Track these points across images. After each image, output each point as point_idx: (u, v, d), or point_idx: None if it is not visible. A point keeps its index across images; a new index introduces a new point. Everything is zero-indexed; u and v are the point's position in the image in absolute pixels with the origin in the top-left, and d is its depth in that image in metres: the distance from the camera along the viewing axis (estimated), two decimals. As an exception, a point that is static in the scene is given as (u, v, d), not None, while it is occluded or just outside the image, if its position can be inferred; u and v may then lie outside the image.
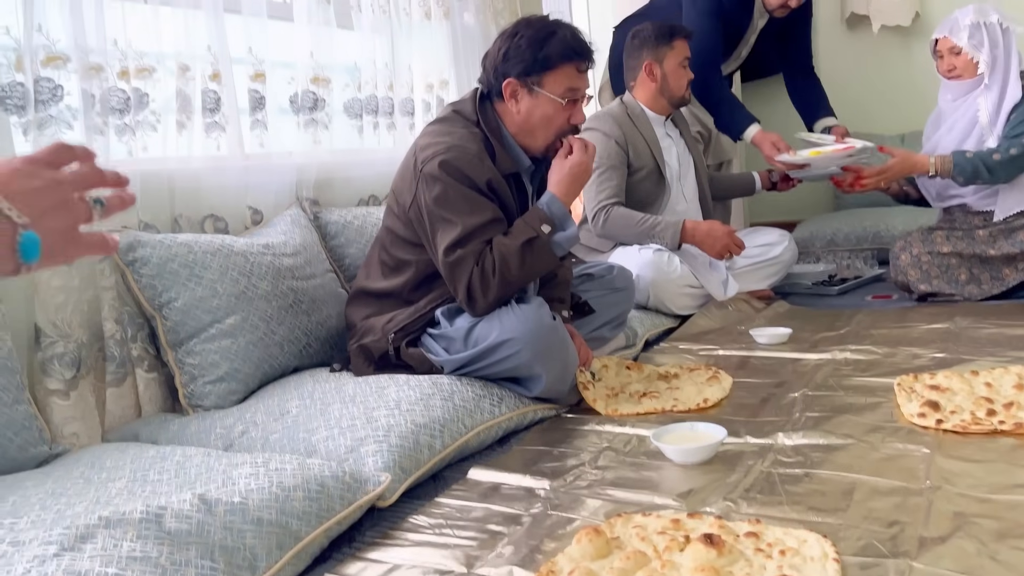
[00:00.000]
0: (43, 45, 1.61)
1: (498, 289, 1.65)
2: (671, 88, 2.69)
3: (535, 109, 1.74)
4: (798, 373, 1.87)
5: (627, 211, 2.57)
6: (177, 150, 1.91)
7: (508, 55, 1.73)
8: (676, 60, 2.66)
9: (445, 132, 1.75)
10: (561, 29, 1.73)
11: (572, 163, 1.74)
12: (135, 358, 1.73)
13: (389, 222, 1.82)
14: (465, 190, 1.67)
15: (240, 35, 2.06)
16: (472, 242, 1.66)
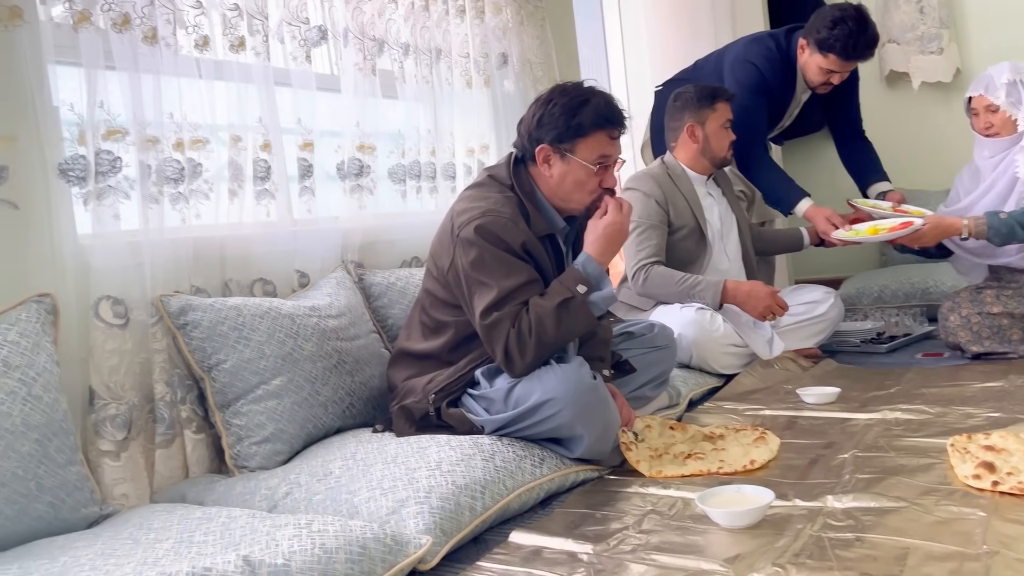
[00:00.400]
0: (104, 120, 1.70)
1: (535, 350, 1.66)
2: (713, 149, 2.70)
3: (567, 174, 1.77)
4: (847, 433, 1.83)
5: (667, 270, 2.57)
6: (228, 217, 1.98)
7: (542, 121, 1.76)
8: (718, 122, 2.67)
9: (481, 197, 1.78)
10: (595, 97, 1.76)
11: (607, 223, 1.75)
12: (184, 419, 1.77)
13: (428, 284, 1.85)
14: (500, 253, 1.69)
15: (290, 106, 2.14)
16: (508, 304, 1.67)
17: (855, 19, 2.64)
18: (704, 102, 2.68)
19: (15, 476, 1.33)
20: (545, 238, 1.79)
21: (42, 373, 1.43)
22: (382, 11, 2.40)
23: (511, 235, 1.71)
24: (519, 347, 1.66)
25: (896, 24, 3.81)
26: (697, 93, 2.69)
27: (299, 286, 2.12)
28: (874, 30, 2.68)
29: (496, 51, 2.80)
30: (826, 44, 2.68)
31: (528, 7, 2.92)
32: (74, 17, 1.65)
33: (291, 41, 2.13)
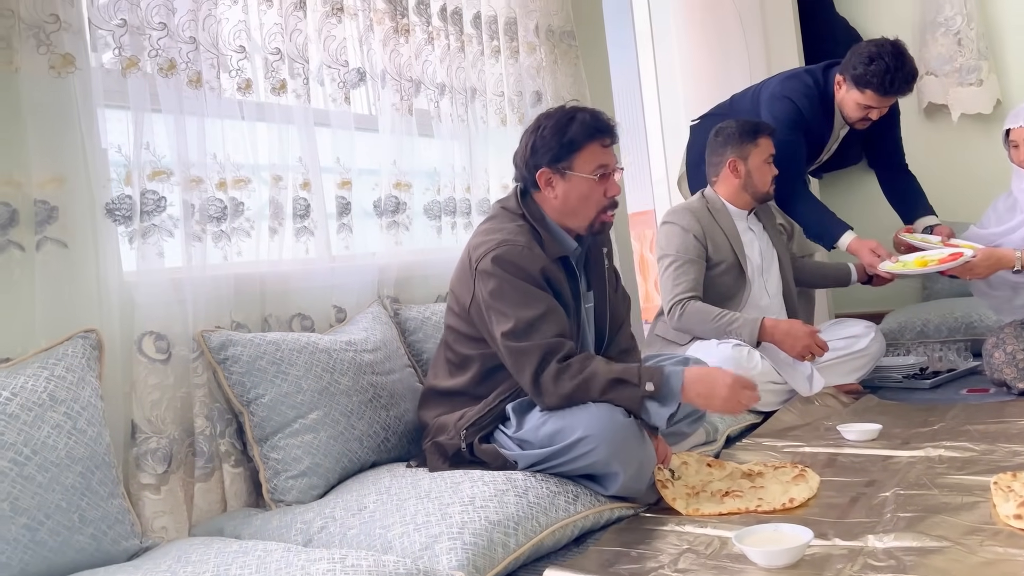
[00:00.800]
0: (150, 161, 1.76)
1: (569, 395, 1.66)
2: (755, 184, 2.69)
3: (571, 191, 1.81)
4: (889, 471, 1.79)
5: (704, 306, 2.55)
6: (269, 254, 2.02)
7: (536, 147, 1.81)
8: (761, 157, 2.67)
9: (495, 229, 1.81)
10: (580, 113, 1.81)
11: (724, 378, 1.69)
12: (223, 453, 1.79)
13: (450, 321, 1.88)
14: (519, 283, 1.72)
15: (329, 146, 2.19)
16: (531, 334, 1.69)
17: (892, 54, 2.62)
18: (746, 137, 2.67)
19: (59, 508, 1.36)
20: (559, 261, 1.81)
21: (87, 407, 1.47)
22: (419, 53, 2.45)
23: (529, 262, 1.73)
24: (555, 383, 1.66)
25: (934, 56, 3.79)
26: (739, 128, 2.69)
27: (336, 321, 2.15)
28: (912, 65, 2.65)
29: (530, 89, 2.84)
30: (863, 80, 2.66)
31: (562, 46, 2.96)
32: (123, 63, 1.72)
33: (331, 83, 2.19)
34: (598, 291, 1.96)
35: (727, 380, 1.68)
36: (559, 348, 1.69)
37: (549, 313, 1.72)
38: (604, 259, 2.00)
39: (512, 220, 1.84)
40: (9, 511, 1.30)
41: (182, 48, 1.81)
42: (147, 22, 1.75)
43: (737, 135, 2.68)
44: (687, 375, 1.67)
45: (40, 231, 1.57)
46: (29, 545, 1.31)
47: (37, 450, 1.36)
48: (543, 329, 1.70)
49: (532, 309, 1.70)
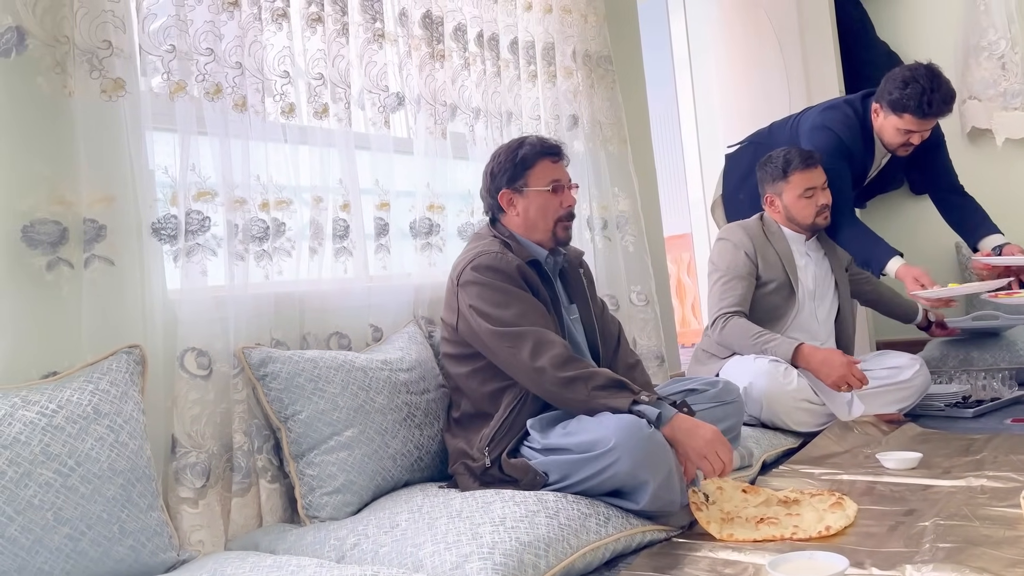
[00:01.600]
0: (195, 182, 1.81)
1: (569, 381, 1.74)
2: (796, 218, 2.72)
3: (530, 205, 1.98)
4: (929, 501, 1.75)
5: (745, 322, 2.57)
6: (308, 273, 2.06)
7: (494, 173, 2.01)
8: (794, 193, 2.69)
9: (469, 249, 1.98)
10: (528, 137, 2.03)
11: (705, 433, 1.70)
12: (259, 469, 1.82)
13: (445, 349, 1.98)
14: (498, 284, 1.85)
15: (368, 169, 2.23)
16: (521, 322, 1.79)
17: (927, 76, 2.60)
18: (776, 176, 2.72)
19: (100, 519, 1.39)
20: (532, 264, 1.93)
21: (129, 421, 1.51)
22: (455, 78, 2.49)
23: (504, 263, 1.87)
24: (558, 367, 1.74)
25: (977, 80, 3.74)
26: (772, 165, 2.73)
27: (373, 340, 2.17)
28: (948, 85, 2.63)
29: (567, 113, 2.86)
30: (900, 104, 2.64)
31: (599, 71, 2.99)
32: (171, 87, 1.78)
33: (371, 107, 2.23)
34: (582, 307, 2.05)
35: (708, 435, 1.70)
36: (555, 337, 1.80)
37: (533, 308, 1.84)
38: (583, 280, 2.10)
39: (483, 237, 2.00)
40: (53, 521, 1.33)
41: (228, 73, 1.86)
42: (195, 47, 1.81)
43: (770, 173, 2.74)
44: (680, 416, 1.72)
45: (88, 249, 1.62)
46: (71, 555, 1.34)
47: (81, 462, 1.40)
48: (531, 317, 1.81)
49: (516, 304, 1.83)
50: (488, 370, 1.87)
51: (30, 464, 1.34)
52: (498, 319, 1.81)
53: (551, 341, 1.78)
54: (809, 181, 2.67)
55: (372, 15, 2.23)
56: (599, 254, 2.92)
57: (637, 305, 3.00)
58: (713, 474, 1.70)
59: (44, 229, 1.57)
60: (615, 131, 3.02)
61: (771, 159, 2.74)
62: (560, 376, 1.74)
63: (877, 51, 3.97)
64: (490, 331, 1.81)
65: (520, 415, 1.82)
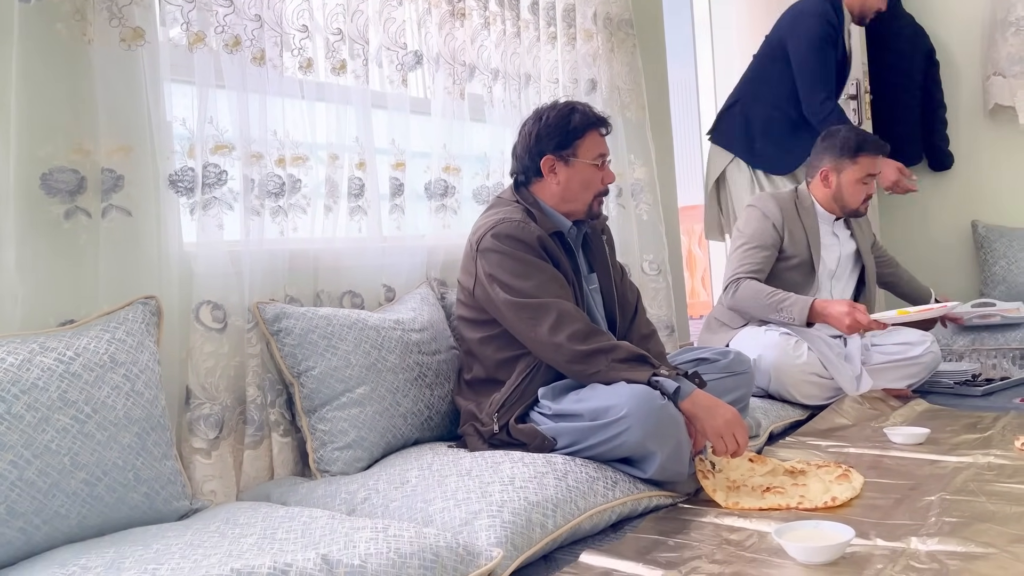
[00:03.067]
0: (212, 135, 1.80)
1: (589, 355, 1.73)
2: (845, 200, 2.66)
3: (573, 176, 1.91)
4: (935, 476, 1.76)
5: (759, 284, 2.53)
6: (323, 231, 2.06)
7: (540, 136, 1.92)
8: (855, 176, 2.62)
9: (491, 214, 1.93)
10: (579, 105, 1.95)
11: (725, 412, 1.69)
12: (272, 422, 1.84)
13: (460, 312, 1.95)
14: (519, 254, 1.81)
15: (385, 128, 2.22)
16: (541, 294, 1.77)
17: None
18: (846, 152, 2.62)
19: (115, 466, 1.41)
20: (555, 236, 1.89)
21: (144, 370, 1.52)
22: (474, 37, 2.46)
23: (526, 234, 1.83)
24: (579, 340, 1.73)
25: (1003, 57, 3.68)
26: (842, 141, 2.63)
27: (385, 300, 2.18)
28: None
29: (585, 77, 2.83)
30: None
31: (619, 34, 2.95)
32: (190, 38, 1.77)
33: (389, 65, 2.22)
34: (603, 275, 2.02)
35: (728, 415, 1.69)
36: (575, 310, 1.78)
37: (553, 279, 1.81)
38: (605, 247, 2.07)
39: (507, 203, 1.95)
40: (70, 465, 1.35)
41: (247, 25, 1.85)
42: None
43: (838, 147, 2.63)
44: (699, 392, 1.71)
45: (106, 199, 1.62)
46: (87, 499, 1.37)
47: (97, 409, 1.41)
48: (551, 289, 1.79)
49: (536, 275, 1.80)
50: (503, 337, 1.86)
51: (48, 409, 1.36)
52: (517, 290, 1.79)
53: (572, 315, 1.76)
54: (875, 167, 2.62)
55: (393, -29, 2.20)
56: (613, 222, 2.89)
57: (649, 274, 3.00)
58: (726, 454, 1.71)
59: (63, 177, 1.58)
60: (634, 97, 2.99)
61: (842, 134, 2.64)
62: (580, 350, 1.73)
63: (902, 23, 3.90)
64: (508, 301, 1.79)
65: (532, 383, 1.82)
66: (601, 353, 1.73)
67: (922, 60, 3.89)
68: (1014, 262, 3.65)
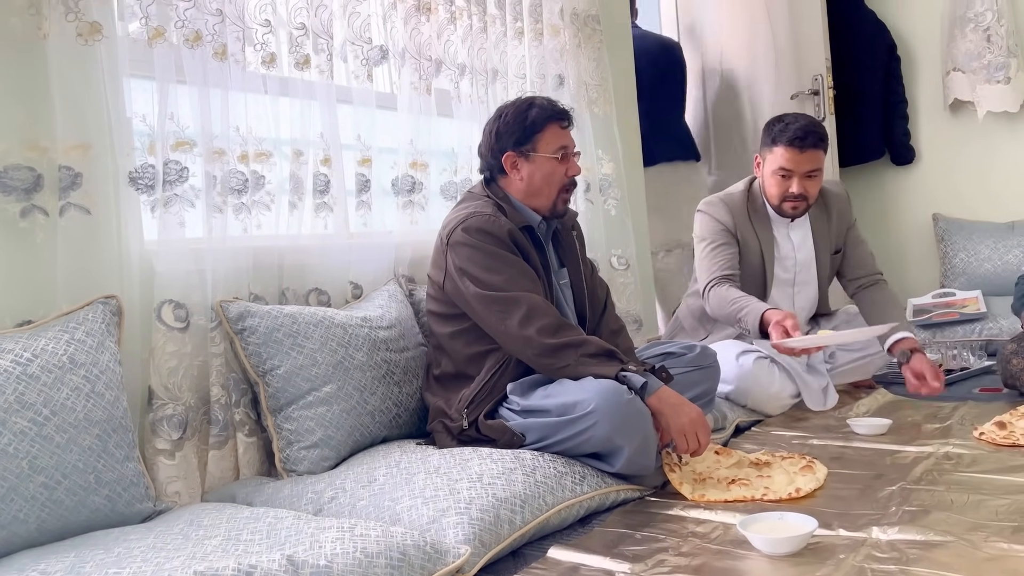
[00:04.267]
0: (173, 131, 1.78)
1: (558, 349, 1.74)
2: (765, 192, 2.49)
3: (535, 171, 1.92)
4: (897, 466, 1.79)
5: (726, 290, 2.36)
6: (288, 228, 2.04)
7: (500, 133, 1.93)
8: (770, 166, 2.43)
9: (461, 208, 1.94)
10: (537, 99, 1.97)
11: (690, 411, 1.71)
12: (237, 422, 1.82)
13: (430, 306, 1.96)
14: (489, 247, 1.82)
15: (350, 123, 2.20)
16: (511, 288, 1.78)
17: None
18: (767, 139, 2.44)
19: (76, 468, 1.39)
20: (525, 230, 1.90)
21: (105, 371, 1.50)
22: (440, 32, 2.45)
23: (495, 227, 1.83)
24: (548, 333, 1.74)
25: (962, 52, 3.74)
26: (769, 128, 2.44)
27: (352, 297, 2.17)
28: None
29: (553, 72, 2.83)
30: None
31: (586, 30, 2.95)
32: (149, 33, 1.74)
33: (354, 60, 2.20)
34: (573, 271, 2.03)
35: (693, 414, 1.71)
36: (544, 304, 1.79)
37: (523, 274, 1.82)
38: (575, 242, 2.07)
39: (477, 198, 1.95)
40: (28, 469, 1.33)
41: (208, 20, 1.82)
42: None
43: (765, 132, 2.46)
44: (666, 389, 1.72)
45: (64, 196, 1.59)
46: (46, 503, 1.34)
47: (56, 411, 1.39)
48: (521, 283, 1.79)
49: (506, 270, 1.80)
50: (472, 332, 1.86)
51: (4, 412, 1.33)
52: (487, 283, 1.79)
53: (542, 309, 1.77)
54: (788, 162, 2.38)
55: (357, -35, 2.18)
56: (582, 217, 2.89)
57: (617, 269, 3.01)
58: (687, 452, 1.73)
59: (18, 175, 1.54)
60: (601, 93, 3.00)
61: (780, 119, 2.43)
62: (548, 343, 1.74)
63: (865, 19, 3.95)
64: (478, 294, 1.79)
65: (501, 379, 1.83)
66: (570, 347, 1.74)
67: (883, 55, 3.94)
68: (973, 254, 3.72)
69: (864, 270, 2.63)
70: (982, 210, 3.83)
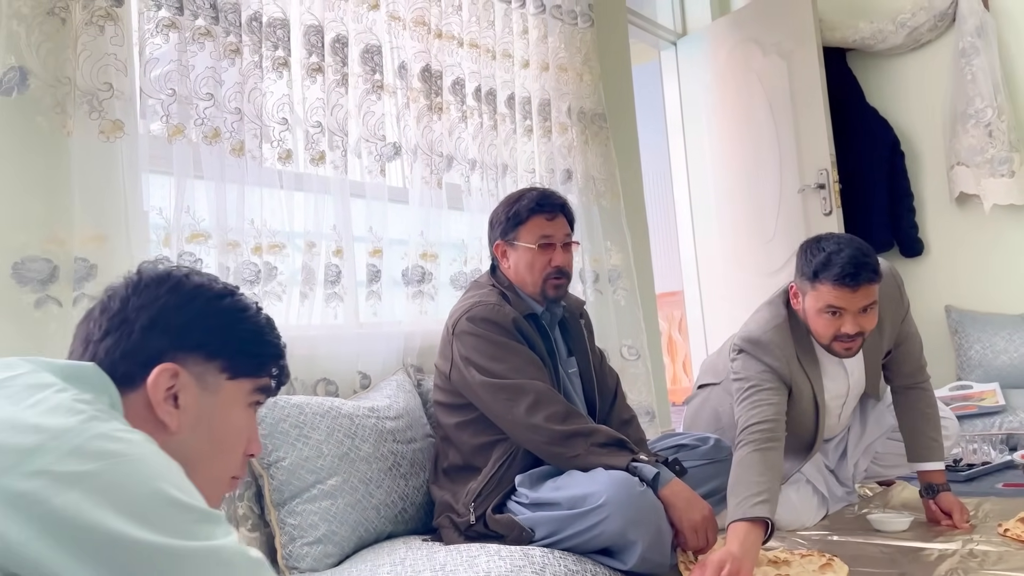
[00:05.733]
0: (189, 224, 1.81)
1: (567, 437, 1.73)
2: (813, 330, 2.04)
3: (519, 260, 1.97)
4: (921, 563, 1.73)
5: (749, 460, 1.87)
6: (298, 318, 2.05)
7: (492, 224, 2.03)
8: (815, 304, 1.97)
9: (467, 298, 1.97)
10: (529, 192, 2.02)
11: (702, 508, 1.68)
12: (240, 517, 1.78)
13: (437, 397, 1.95)
14: (494, 336, 1.83)
15: (363, 216, 2.25)
16: (517, 376, 1.77)
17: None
18: (806, 270, 1.97)
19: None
20: (529, 318, 1.91)
21: (110, 462, 1.48)
22: (452, 130, 2.52)
23: (500, 316, 1.85)
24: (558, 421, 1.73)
25: (965, 147, 3.81)
26: (807, 258, 1.98)
27: (361, 387, 2.15)
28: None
29: (561, 167, 2.89)
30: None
31: (593, 127, 3.03)
32: (169, 130, 1.79)
33: (367, 156, 2.26)
34: (581, 359, 2.03)
35: (706, 511, 1.67)
36: (552, 391, 1.78)
37: (529, 362, 1.82)
38: (584, 331, 2.07)
39: (481, 287, 1.99)
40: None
41: (227, 118, 1.88)
42: (195, 92, 1.83)
43: (802, 263, 2.01)
44: (677, 482, 1.68)
45: (78, 288, 1.61)
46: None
47: (58, 503, 1.36)
48: (527, 371, 1.79)
49: (511, 358, 1.81)
50: (480, 422, 1.84)
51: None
52: (492, 372, 1.78)
53: (549, 397, 1.76)
54: (839, 300, 1.93)
55: (372, 67, 2.27)
56: (591, 307, 2.90)
57: (628, 359, 3.00)
58: (695, 549, 1.68)
59: (35, 267, 1.57)
60: (608, 186, 3.06)
61: (819, 245, 1.97)
62: (558, 431, 1.72)
63: (868, 116, 4.05)
64: (484, 383, 1.78)
65: (509, 470, 1.79)
66: (580, 436, 1.72)
67: (887, 151, 4.02)
68: (988, 346, 3.69)
69: (910, 367, 2.24)
70: (995, 301, 3.81)
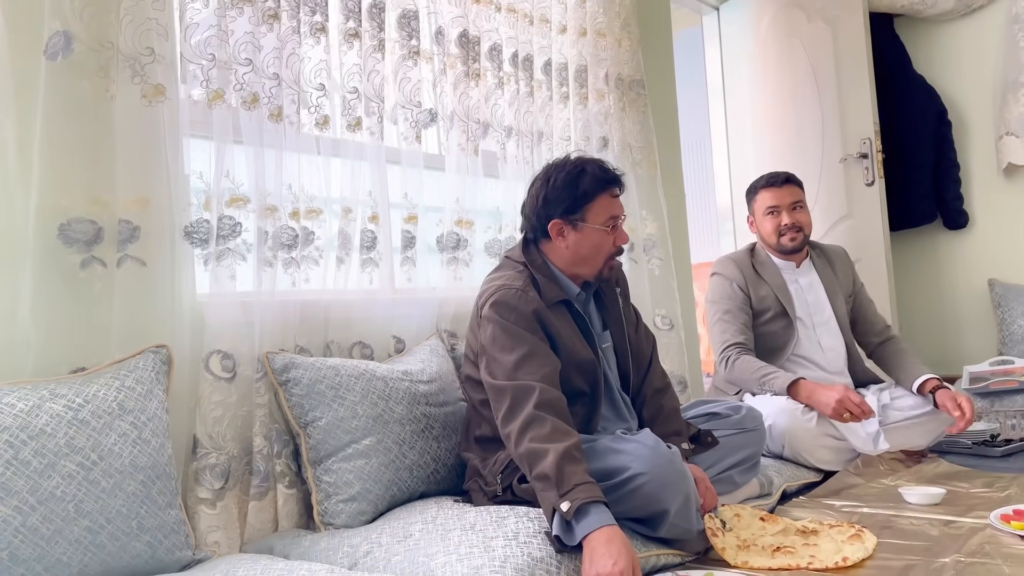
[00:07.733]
0: (228, 188, 1.85)
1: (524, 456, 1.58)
2: (763, 237, 2.77)
3: (583, 241, 1.85)
4: (951, 537, 1.72)
5: (749, 359, 2.58)
6: (335, 283, 2.08)
7: (548, 199, 1.85)
8: (760, 210, 2.76)
9: (496, 277, 1.88)
10: (589, 165, 1.86)
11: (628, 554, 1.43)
12: (278, 473, 1.84)
13: (468, 370, 1.92)
14: (509, 325, 1.74)
15: (398, 182, 2.26)
16: (513, 374, 1.67)
17: None
18: (749, 194, 2.81)
19: (119, 514, 1.41)
20: (561, 304, 1.84)
21: (152, 419, 1.53)
22: (488, 97, 2.52)
23: (522, 304, 1.76)
24: (521, 432, 1.60)
25: (1015, 117, 3.70)
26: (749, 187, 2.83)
27: (395, 351, 2.19)
28: None
29: (597, 135, 2.88)
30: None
31: (631, 94, 3.00)
32: (209, 95, 1.82)
33: (404, 123, 2.27)
34: (616, 330, 1.98)
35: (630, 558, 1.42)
36: (531, 391, 1.64)
37: (531, 356, 1.71)
38: (619, 299, 2.02)
39: (512, 267, 1.89)
40: (74, 512, 1.36)
41: (265, 84, 1.90)
42: (235, 58, 1.85)
43: (747, 193, 2.83)
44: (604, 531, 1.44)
45: (122, 249, 1.66)
46: (89, 547, 1.36)
47: (104, 456, 1.42)
48: (527, 368, 1.69)
49: (515, 351, 1.71)
50: None
51: (54, 456, 1.37)
52: (497, 361, 1.71)
53: (528, 394, 1.63)
54: (772, 199, 2.71)
55: (409, 33, 2.27)
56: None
57: (662, 329, 2.99)
58: None
59: (80, 228, 1.62)
60: (645, 155, 3.03)
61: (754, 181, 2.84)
62: (522, 448, 1.58)
63: (914, 85, 3.95)
64: (486, 378, 1.74)
65: None
66: (533, 456, 1.56)
67: (934, 120, 3.92)
68: (1032, 321, 3.62)
69: (877, 326, 2.83)
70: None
